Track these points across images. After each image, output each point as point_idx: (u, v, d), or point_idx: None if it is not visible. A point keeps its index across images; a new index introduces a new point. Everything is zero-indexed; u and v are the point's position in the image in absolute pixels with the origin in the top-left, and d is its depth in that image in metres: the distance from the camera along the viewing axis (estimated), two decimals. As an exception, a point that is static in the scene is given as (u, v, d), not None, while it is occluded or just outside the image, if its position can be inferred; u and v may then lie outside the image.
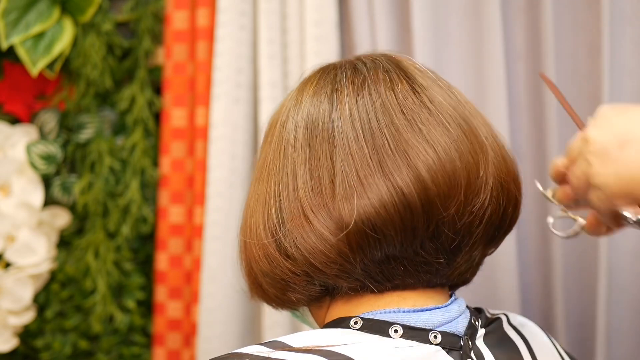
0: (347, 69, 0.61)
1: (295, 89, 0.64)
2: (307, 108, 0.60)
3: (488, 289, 1.04)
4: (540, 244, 1.06)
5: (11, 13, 1.10)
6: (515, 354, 0.61)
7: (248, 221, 0.60)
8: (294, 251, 0.56)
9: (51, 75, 1.15)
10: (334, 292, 0.59)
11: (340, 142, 0.56)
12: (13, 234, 1.13)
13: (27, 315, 1.16)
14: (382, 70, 0.60)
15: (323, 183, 0.55)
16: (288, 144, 0.59)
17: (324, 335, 0.55)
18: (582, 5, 1.02)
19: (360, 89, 0.58)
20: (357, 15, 1.13)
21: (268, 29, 1.13)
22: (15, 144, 1.17)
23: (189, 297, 1.20)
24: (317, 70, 0.65)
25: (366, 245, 0.54)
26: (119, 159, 1.21)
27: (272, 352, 0.52)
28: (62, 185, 1.20)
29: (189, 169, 1.21)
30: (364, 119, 0.56)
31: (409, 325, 0.55)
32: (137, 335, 1.23)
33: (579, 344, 1.04)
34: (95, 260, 1.19)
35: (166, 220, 1.21)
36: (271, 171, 0.59)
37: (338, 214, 0.54)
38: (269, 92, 1.12)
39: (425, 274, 0.57)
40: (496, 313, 0.67)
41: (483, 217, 0.57)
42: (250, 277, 0.61)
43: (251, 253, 0.59)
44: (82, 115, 1.21)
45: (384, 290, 0.58)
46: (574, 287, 1.04)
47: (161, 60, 1.24)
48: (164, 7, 1.22)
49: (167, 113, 1.22)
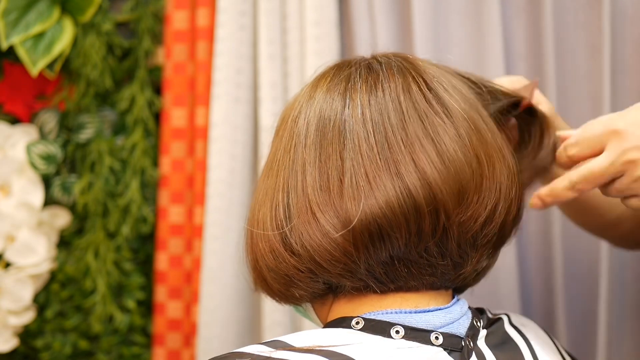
0: (362, 68, 0.61)
1: (309, 84, 0.64)
2: (319, 104, 0.60)
3: (488, 289, 1.04)
4: (541, 244, 1.06)
5: (11, 13, 1.10)
6: (516, 354, 0.61)
7: (256, 215, 0.60)
8: (300, 248, 0.56)
9: (51, 75, 1.15)
10: (337, 290, 0.59)
11: (350, 141, 0.56)
12: (13, 234, 1.13)
13: (27, 315, 1.16)
14: (397, 70, 0.60)
15: (332, 181, 0.55)
16: (299, 139, 0.59)
17: (326, 335, 0.55)
18: (582, 5, 1.02)
19: (373, 88, 0.58)
20: (357, 15, 1.13)
21: (268, 29, 1.13)
22: (15, 144, 1.17)
23: (189, 297, 1.20)
24: (332, 66, 0.65)
25: (371, 245, 0.54)
26: (119, 159, 1.21)
27: (273, 352, 0.52)
28: (62, 185, 1.20)
29: (189, 169, 1.21)
30: (376, 119, 0.56)
31: (411, 326, 0.55)
32: (137, 335, 1.22)
33: (580, 343, 1.04)
34: (95, 260, 1.19)
35: (166, 220, 1.21)
36: (281, 166, 0.59)
37: (345, 213, 0.54)
38: (269, 92, 1.12)
39: (429, 277, 0.57)
40: (498, 313, 0.67)
41: (490, 222, 0.57)
42: (255, 271, 0.61)
43: (257, 247, 0.59)
44: (82, 115, 1.21)
45: (386, 291, 0.58)
46: (575, 286, 1.04)
47: (161, 60, 1.24)
48: (164, 7, 1.22)
49: (167, 113, 1.22)
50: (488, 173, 0.57)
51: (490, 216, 0.57)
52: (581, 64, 1.02)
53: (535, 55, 1.05)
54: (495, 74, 1.04)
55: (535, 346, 0.63)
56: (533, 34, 1.05)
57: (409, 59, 0.62)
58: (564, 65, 1.03)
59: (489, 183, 0.57)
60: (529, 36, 1.05)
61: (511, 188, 0.59)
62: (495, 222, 0.58)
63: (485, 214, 0.56)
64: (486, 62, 1.05)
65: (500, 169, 0.58)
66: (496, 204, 0.57)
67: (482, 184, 0.56)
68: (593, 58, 1.01)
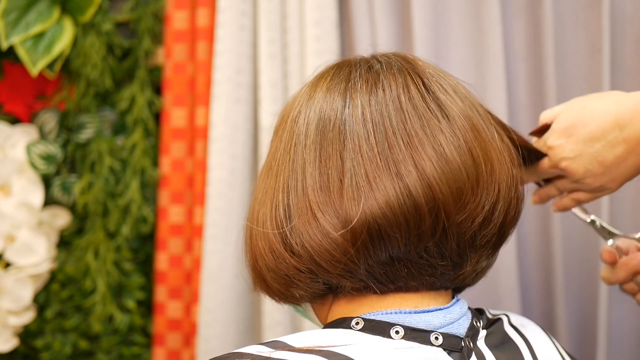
0: (362, 67, 0.61)
1: (309, 83, 0.64)
2: (319, 104, 0.60)
3: (488, 289, 1.04)
4: (541, 244, 1.06)
5: (11, 13, 1.10)
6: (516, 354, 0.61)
7: (255, 215, 0.60)
8: (300, 248, 0.56)
9: (51, 75, 1.15)
10: (337, 291, 0.59)
11: (350, 141, 0.56)
12: (13, 234, 1.13)
13: (27, 315, 1.16)
14: (397, 70, 0.60)
15: (332, 181, 0.55)
16: (299, 139, 0.59)
17: (325, 336, 0.55)
18: (582, 5, 1.02)
19: (374, 88, 0.58)
20: (357, 14, 1.13)
21: (268, 28, 1.13)
22: (15, 144, 1.17)
23: (189, 297, 1.20)
24: (332, 65, 0.64)
25: (371, 245, 0.54)
26: (119, 159, 1.21)
27: (273, 352, 0.52)
28: (62, 185, 1.20)
29: (189, 169, 1.21)
30: (376, 119, 0.56)
31: (410, 327, 0.55)
32: (137, 335, 1.22)
33: (580, 343, 1.04)
34: (95, 260, 1.19)
35: (166, 220, 1.21)
36: (281, 166, 0.59)
37: (345, 213, 0.54)
38: (269, 92, 1.12)
39: (429, 277, 0.57)
40: (497, 313, 0.67)
41: (489, 223, 0.57)
42: (255, 271, 0.61)
43: (257, 247, 0.59)
44: (82, 115, 1.21)
45: (386, 291, 0.58)
46: (574, 286, 1.04)
47: (161, 60, 1.24)
48: (164, 7, 1.22)
49: (167, 113, 1.22)
50: (485, 173, 0.56)
51: (489, 216, 0.57)
52: (581, 64, 1.02)
53: (535, 55, 1.05)
54: (495, 74, 1.04)
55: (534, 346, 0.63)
56: (533, 34, 1.05)
57: (408, 58, 0.62)
58: (564, 65, 1.03)
59: (487, 183, 0.57)
60: (529, 36, 1.05)
61: (510, 188, 0.59)
62: (493, 223, 0.58)
63: (483, 215, 0.56)
64: (486, 62, 1.05)
65: (500, 170, 0.58)
66: (494, 204, 0.57)
67: (480, 184, 0.56)
68: (593, 58, 1.01)
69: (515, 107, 1.07)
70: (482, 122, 0.59)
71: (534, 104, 1.05)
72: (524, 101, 1.06)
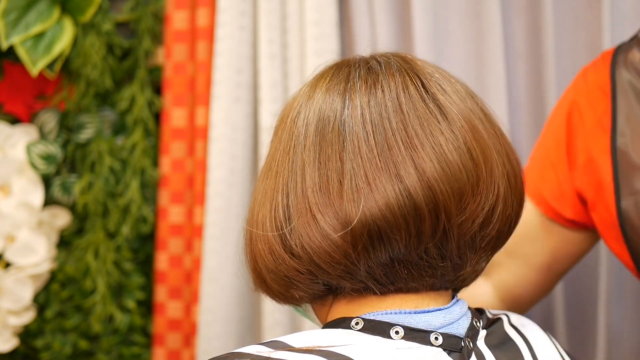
0: (361, 68, 0.61)
1: (308, 83, 0.64)
2: (318, 105, 0.59)
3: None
4: (541, 244, 1.06)
5: (11, 13, 1.10)
6: (516, 354, 0.61)
7: (255, 216, 0.60)
8: (299, 249, 0.56)
9: (51, 75, 1.15)
10: (337, 291, 0.59)
11: (350, 142, 0.56)
12: (13, 234, 1.13)
13: (27, 315, 1.16)
14: (396, 70, 0.60)
15: (331, 182, 0.55)
16: (298, 140, 0.59)
17: (325, 336, 0.55)
18: (582, 5, 1.02)
19: (373, 88, 0.58)
20: (357, 14, 1.13)
21: (268, 29, 1.13)
22: (15, 144, 1.17)
23: (189, 297, 1.20)
24: (331, 65, 0.64)
25: (371, 247, 0.54)
26: (119, 159, 1.21)
27: (273, 352, 0.52)
28: (62, 185, 1.20)
29: (189, 169, 1.21)
30: (376, 120, 0.56)
31: (410, 327, 0.55)
32: (137, 335, 1.22)
33: (580, 343, 1.04)
34: (95, 260, 1.19)
35: (166, 220, 1.21)
36: (280, 167, 0.59)
37: (345, 215, 0.54)
38: (269, 92, 1.12)
39: (429, 278, 0.57)
40: (497, 313, 0.67)
41: (489, 224, 0.57)
42: (255, 272, 0.61)
43: (257, 248, 0.59)
44: (82, 115, 1.21)
45: (386, 292, 0.57)
46: (574, 287, 1.04)
47: (161, 60, 1.24)
48: (164, 7, 1.22)
49: (167, 113, 1.22)
50: (485, 174, 0.56)
51: (489, 217, 0.57)
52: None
53: (535, 55, 1.05)
54: (495, 74, 1.04)
55: (534, 346, 0.63)
56: (533, 34, 1.05)
57: (407, 58, 0.62)
58: (564, 65, 1.03)
59: (487, 184, 0.56)
60: (529, 36, 1.05)
61: (510, 189, 0.59)
62: (493, 224, 0.57)
63: (483, 215, 0.56)
64: (486, 62, 1.05)
65: (500, 171, 0.58)
66: (494, 205, 0.57)
67: (480, 185, 0.56)
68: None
69: (515, 107, 1.07)
70: (481, 122, 0.59)
71: (534, 104, 1.05)
72: (524, 101, 1.06)
